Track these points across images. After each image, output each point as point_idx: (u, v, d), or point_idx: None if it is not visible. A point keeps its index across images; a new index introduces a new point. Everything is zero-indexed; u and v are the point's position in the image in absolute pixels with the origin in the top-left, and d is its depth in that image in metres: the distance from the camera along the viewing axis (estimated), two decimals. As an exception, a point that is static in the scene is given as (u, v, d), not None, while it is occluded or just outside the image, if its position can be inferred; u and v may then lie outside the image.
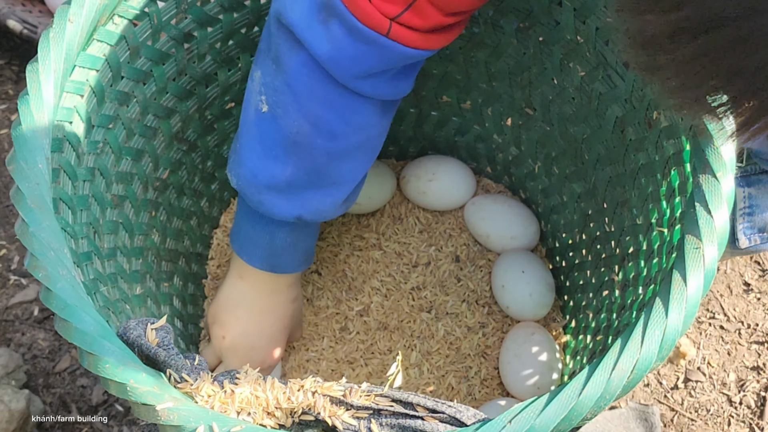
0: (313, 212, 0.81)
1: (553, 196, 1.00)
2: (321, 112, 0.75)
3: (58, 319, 0.57)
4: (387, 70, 0.74)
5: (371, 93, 0.75)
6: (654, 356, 0.56)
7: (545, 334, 0.95)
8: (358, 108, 0.76)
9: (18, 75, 1.31)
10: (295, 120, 0.76)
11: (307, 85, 0.74)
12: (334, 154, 0.78)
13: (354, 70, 0.72)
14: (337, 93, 0.74)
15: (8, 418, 0.95)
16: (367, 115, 0.77)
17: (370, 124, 0.78)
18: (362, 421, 0.57)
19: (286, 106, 0.76)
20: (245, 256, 0.87)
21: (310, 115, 0.75)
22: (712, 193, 0.60)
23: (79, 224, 0.72)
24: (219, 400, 0.57)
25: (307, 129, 0.76)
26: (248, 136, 0.79)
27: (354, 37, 0.69)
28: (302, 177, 0.79)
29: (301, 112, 0.75)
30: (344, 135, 0.77)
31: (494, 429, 0.54)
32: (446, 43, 0.73)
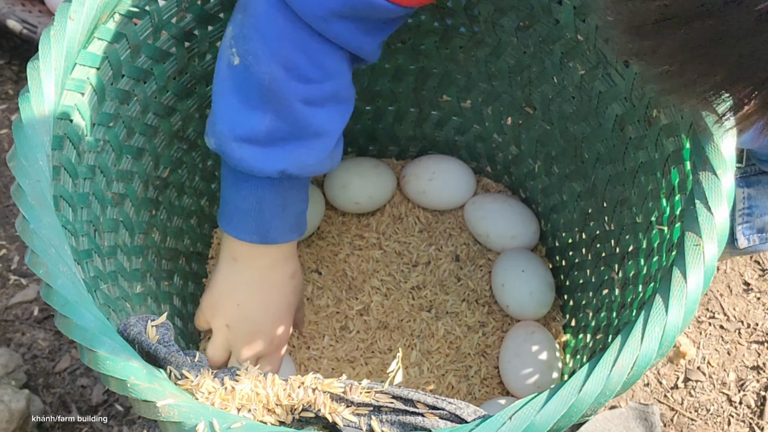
0: (297, 165, 0.79)
1: (553, 195, 1.00)
2: (292, 54, 0.74)
3: (59, 315, 0.57)
4: (353, 19, 0.73)
5: (336, 38, 0.74)
6: (654, 353, 0.56)
7: (545, 333, 0.95)
8: (327, 51, 0.75)
9: (18, 75, 1.31)
10: (268, 65, 0.75)
11: (276, 26, 0.74)
12: (310, 100, 0.77)
13: (318, 10, 0.72)
14: (306, 34, 0.74)
15: (8, 418, 0.95)
16: (336, 61, 0.76)
17: (340, 72, 0.77)
18: (362, 418, 0.57)
19: (257, 52, 0.75)
20: (234, 231, 0.84)
21: (281, 58, 0.74)
22: (712, 190, 0.60)
23: (79, 222, 0.72)
24: (219, 397, 0.57)
25: (281, 73, 0.75)
26: (223, 91, 0.78)
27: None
28: (281, 126, 0.77)
29: (272, 55, 0.74)
30: (317, 80, 0.76)
31: (494, 425, 0.54)
32: (414, 4, 0.73)
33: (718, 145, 0.62)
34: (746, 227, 0.96)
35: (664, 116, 0.74)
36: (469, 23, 0.91)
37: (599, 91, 0.83)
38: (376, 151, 1.09)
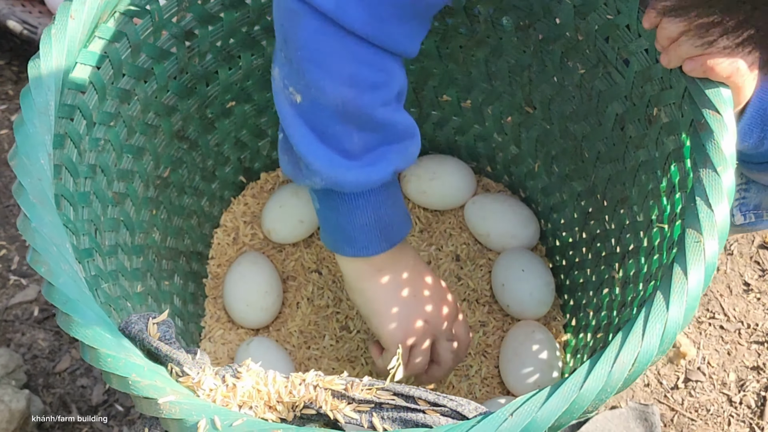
0: (404, 159, 0.80)
1: (553, 195, 1.00)
2: (353, 70, 0.73)
3: (60, 313, 0.57)
4: (400, 17, 0.72)
5: (385, 42, 0.73)
6: (655, 350, 0.56)
7: (545, 332, 0.95)
8: (382, 54, 0.74)
9: (18, 75, 1.31)
10: (334, 90, 0.73)
11: (326, 48, 0.72)
12: (385, 103, 0.76)
13: (365, 16, 0.70)
14: (357, 45, 0.72)
15: (8, 418, 0.95)
16: (392, 62, 0.75)
17: (398, 70, 0.77)
18: (364, 415, 0.57)
19: (318, 82, 0.73)
20: (366, 250, 0.83)
21: (344, 77, 0.73)
22: (713, 187, 0.60)
23: (80, 221, 0.72)
24: (221, 394, 0.57)
25: (350, 93, 0.73)
26: (299, 135, 0.76)
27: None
28: (371, 136, 0.76)
29: (334, 79, 0.73)
30: (385, 83, 0.75)
31: (496, 422, 0.54)
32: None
33: (719, 142, 0.62)
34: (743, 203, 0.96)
35: (665, 115, 0.74)
36: (469, 23, 0.91)
37: (599, 90, 0.83)
38: (376, 151, 1.09)
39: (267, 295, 0.97)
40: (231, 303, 0.98)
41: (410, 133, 0.80)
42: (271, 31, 0.92)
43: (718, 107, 0.63)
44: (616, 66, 0.80)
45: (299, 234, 1.02)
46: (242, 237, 1.04)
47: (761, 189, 0.93)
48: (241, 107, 0.97)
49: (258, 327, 0.99)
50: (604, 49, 0.80)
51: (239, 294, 0.97)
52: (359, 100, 0.74)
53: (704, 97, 0.64)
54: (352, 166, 0.77)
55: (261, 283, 0.97)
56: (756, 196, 0.94)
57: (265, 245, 1.04)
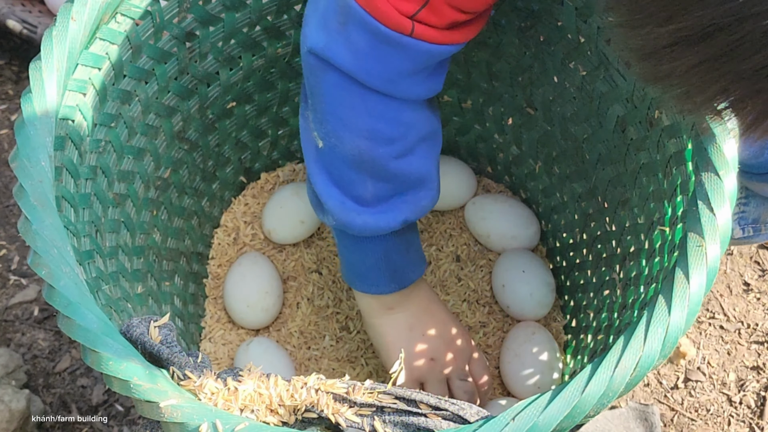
0: (415, 210, 0.82)
1: (553, 196, 1.00)
2: (370, 125, 0.76)
3: (61, 316, 0.57)
4: (417, 71, 0.74)
5: (405, 94, 0.75)
6: (657, 354, 0.56)
7: (546, 333, 0.95)
8: (401, 108, 0.76)
9: (18, 75, 1.31)
10: (351, 141, 0.77)
11: (345, 102, 0.75)
12: (401, 154, 0.79)
13: (384, 75, 0.73)
14: (376, 100, 0.75)
15: (8, 418, 0.95)
16: (413, 112, 0.78)
17: (421, 119, 0.79)
18: (365, 419, 0.57)
19: (337, 132, 0.77)
20: (374, 288, 0.87)
21: (361, 131, 0.76)
22: (715, 191, 0.60)
23: (81, 222, 0.72)
24: (222, 398, 0.57)
25: (366, 144, 0.77)
26: (318, 175, 0.80)
27: (378, 40, 0.70)
28: (385, 186, 0.80)
29: (351, 132, 0.76)
30: (401, 136, 0.78)
31: (497, 426, 0.54)
32: (469, 38, 0.73)
33: (721, 146, 0.62)
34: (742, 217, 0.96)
35: (666, 117, 0.74)
36: (470, 24, 0.91)
37: (600, 92, 0.83)
38: (377, 152, 1.09)
39: (267, 296, 0.97)
40: (231, 303, 0.98)
41: (424, 183, 0.82)
42: (271, 32, 0.92)
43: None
44: (617, 68, 0.80)
45: (300, 234, 1.02)
46: (243, 237, 1.04)
47: (760, 203, 0.94)
48: (241, 108, 0.97)
49: (258, 327, 0.98)
50: (606, 51, 0.80)
51: (240, 294, 0.97)
52: (373, 152, 0.77)
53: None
54: (362, 212, 0.80)
55: (261, 284, 0.97)
56: (755, 210, 0.94)
57: (265, 245, 1.04)
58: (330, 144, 0.78)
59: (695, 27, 0.43)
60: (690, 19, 0.43)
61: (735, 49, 0.43)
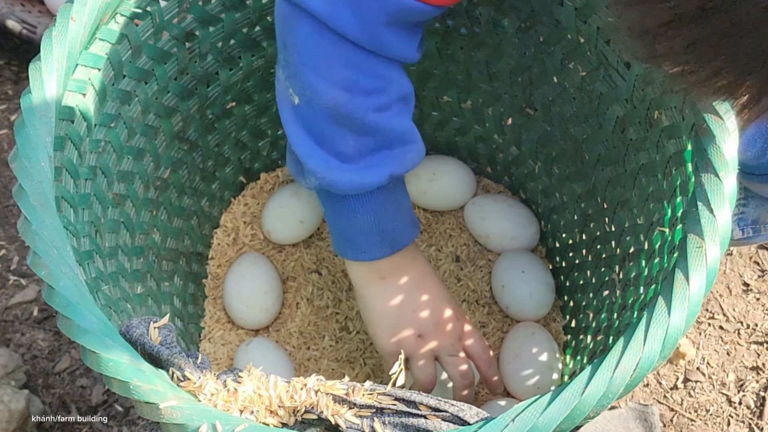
0: (401, 164, 0.80)
1: (553, 197, 1.00)
2: (345, 74, 0.74)
3: (61, 317, 0.57)
4: (393, 27, 0.73)
5: (380, 49, 0.74)
6: (656, 355, 0.56)
7: (545, 334, 0.95)
8: (377, 61, 0.75)
9: (17, 75, 1.31)
10: (327, 92, 0.74)
11: (321, 52, 0.73)
12: (380, 108, 0.77)
13: (357, 21, 0.71)
14: (352, 51, 0.73)
15: (8, 418, 0.95)
16: (388, 68, 0.76)
17: (396, 75, 0.77)
18: (365, 420, 0.57)
19: (312, 84, 0.74)
20: (366, 254, 0.84)
21: (337, 81, 0.74)
22: (715, 192, 0.60)
23: (80, 223, 0.72)
24: (222, 399, 0.57)
25: (342, 96, 0.75)
26: (297, 133, 0.78)
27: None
28: (368, 140, 0.77)
29: (328, 82, 0.74)
30: (380, 89, 0.76)
31: (497, 428, 0.54)
32: (445, 3, 0.73)
33: (720, 147, 0.62)
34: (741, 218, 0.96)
35: (666, 118, 0.74)
36: (470, 24, 0.91)
37: (600, 93, 0.83)
38: (377, 152, 1.09)
39: (267, 296, 0.97)
40: (231, 304, 0.98)
41: (409, 140, 0.80)
42: (271, 32, 0.92)
43: (720, 112, 0.63)
44: (617, 68, 0.80)
45: (299, 234, 1.02)
46: (242, 237, 1.04)
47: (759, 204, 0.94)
48: (241, 108, 0.97)
49: (258, 328, 0.98)
50: (605, 51, 0.80)
51: (239, 295, 0.97)
52: (351, 104, 0.75)
53: (706, 102, 0.64)
54: (346, 169, 0.78)
55: (261, 284, 0.97)
56: (754, 211, 0.94)
57: (265, 246, 1.04)
58: (306, 98, 0.75)
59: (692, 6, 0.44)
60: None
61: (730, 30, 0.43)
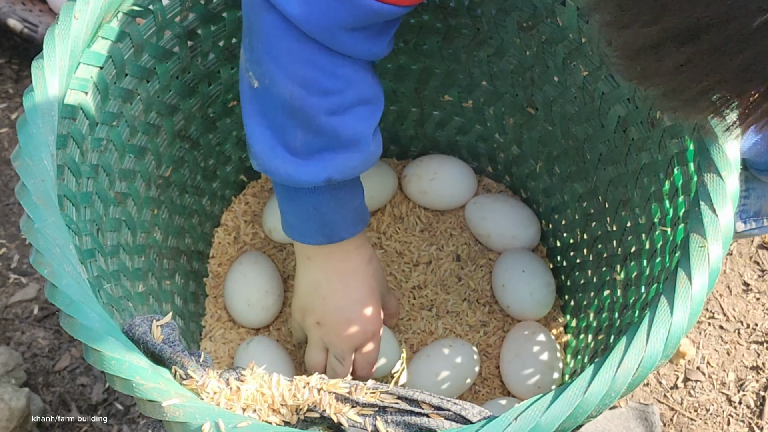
0: (341, 171, 0.81)
1: (554, 196, 1.00)
2: (305, 72, 0.75)
3: (64, 315, 0.57)
4: (360, 28, 0.74)
5: (345, 50, 0.75)
6: (659, 354, 0.56)
7: (546, 333, 0.95)
8: (340, 62, 0.76)
9: (18, 74, 1.31)
10: (285, 85, 0.76)
11: (284, 46, 0.74)
12: (335, 110, 0.78)
13: (323, 23, 0.72)
14: (315, 50, 0.74)
15: (8, 417, 0.95)
16: (352, 68, 0.77)
17: (359, 77, 0.78)
18: (368, 418, 0.57)
19: (272, 74, 0.76)
20: (300, 236, 0.86)
21: (296, 77, 0.75)
22: (717, 191, 0.60)
23: (82, 221, 0.72)
24: (225, 397, 0.58)
25: (299, 92, 0.76)
26: (251, 115, 0.79)
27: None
28: (314, 139, 0.78)
29: (287, 76, 0.75)
30: (337, 90, 0.77)
31: (500, 426, 0.54)
32: (412, 2, 0.73)
33: (723, 146, 0.62)
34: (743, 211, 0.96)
35: (668, 118, 0.74)
36: (472, 23, 0.91)
37: (602, 92, 0.83)
38: (378, 151, 1.09)
39: (268, 295, 0.97)
40: (232, 302, 0.98)
41: (356, 146, 0.80)
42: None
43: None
44: (619, 68, 0.80)
45: (300, 233, 1.02)
46: (243, 236, 1.04)
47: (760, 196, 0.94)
48: (242, 107, 0.97)
49: (259, 326, 0.98)
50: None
51: (240, 293, 0.97)
52: (305, 101, 0.76)
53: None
54: (289, 161, 0.79)
55: (262, 283, 0.97)
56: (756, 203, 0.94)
57: (265, 244, 1.04)
58: (264, 85, 0.77)
59: (681, 27, 0.44)
60: (676, 19, 0.44)
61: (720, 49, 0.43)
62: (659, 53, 0.46)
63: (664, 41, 0.45)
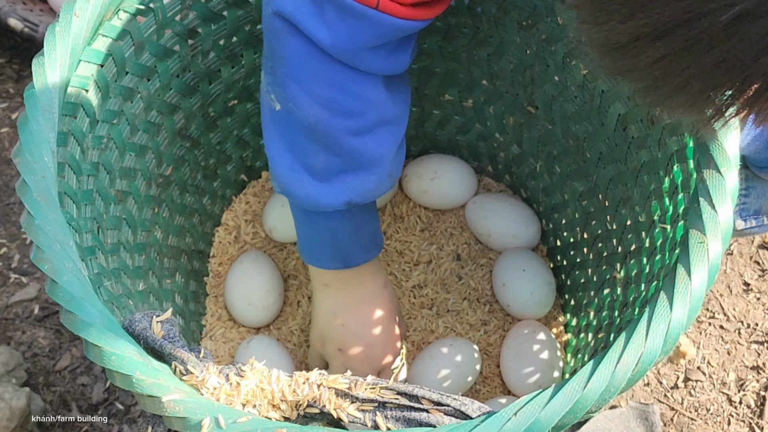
0: (361, 193, 0.81)
1: (554, 195, 1.00)
2: (329, 94, 0.76)
3: (64, 311, 0.57)
4: (382, 45, 0.74)
5: (369, 68, 0.76)
6: (658, 350, 0.56)
7: (546, 332, 0.95)
8: (363, 82, 0.76)
9: (18, 74, 1.31)
10: (309, 108, 0.76)
11: (308, 69, 0.75)
12: (357, 131, 0.78)
13: (349, 46, 0.73)
14: (339, 71, 0.75)
15: (9, 416, 0.95)
16: (374, 88, 0.78)
17: (380, 98, 0.79)
18: (367, 414, 0.57)
19: (296, 98, 0.76)
20: (317, 261, 0.87)
21: (320, 99, 0.76)
22: (716, 188, 0.60)
23: (83, 219, 0.72)
24: (224, 393, 0.58)
25: (323, 114, 0.76)
26: (272, 138, 0.80)
27: (345, 13, 0.71)
28: (335, 161, 0.79)
29: (311, 98, 0.76)
30: (360, 112, 0.78)
31: (499, 422, 0.54)
32: (434, 15, 0.74)
33: (722, 143, 0.62)
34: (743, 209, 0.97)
35: (667, 115, 0.74)
36: (472, 22, 0.91)
37: (602, 91, 0.84)
38: (378, 151, 1.09)
39: (268, 294, 0.97)
40: (232, 301, 0.98)
41: (375, 166, 0.81)
42: (273, 30, 0.92)
43: (722, 108, 0.63)
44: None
45: (300, 233, 1.02)
46: (243, 235, 1.04)
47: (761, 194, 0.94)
48: (243, 105, 0.97)
49: (259, 326, 0.99)
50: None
51: (241, 293, 0.97)
52: (330, 123, 0.77)
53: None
54: (308, 183, 0.80)
55: (262, 282, 0.97)
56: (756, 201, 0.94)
57: (266, 244, 1.04)
58: (287, 108, 0.77)
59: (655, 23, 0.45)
60: (650, 16, 0.45)
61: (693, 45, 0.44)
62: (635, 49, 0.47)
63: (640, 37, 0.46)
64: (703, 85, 0.46)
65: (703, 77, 0.46)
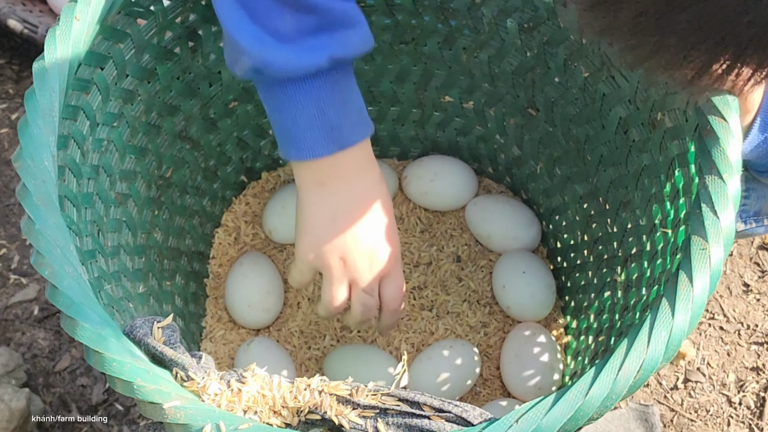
0: (343, 46, 0.74)
1: (554, 197, 1.00)
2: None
3: (65, 316, 0.57)
4: None
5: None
6: (660, 356, 0.56)
7: (546, 334, 0.95)
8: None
9: (18, 74, 1.31)
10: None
11: None
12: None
13: None
14: None
15: (8, 417, 0.95)
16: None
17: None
18: (369, 420, 0.57)
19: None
20: (309, 150, 0.76)
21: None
22: (719, 194, 0.60)
23: (83, 222, 0.72)
24: (226, 399, 0.57)
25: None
26: (228, 8, 0.72)
27: None
28: (306, 18, 0.72)
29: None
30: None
31: (501, 428, 0.54)
32: None
33: (724, 148, 0.62)
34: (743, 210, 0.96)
35: (669, 119, 0.74)
36: (473, 25, 0.91)
37: (603, 94, 0.83)
38: (378, 152, 1.09)
39: (268, 296, 0.97)
40: (232, 303, 0.98)
41: (352, 22, 0.74)
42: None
43: (724, 113, 0.63)
44: (620, 69, 0.80)
45: (300, 234, 1.02)
46: (243, 237, 1.04)
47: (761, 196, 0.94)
48: (243, 107, 0.97)
49: (259, 327, 0.98)
50: (608, 52, 0.80)
51: (241, 294, 0.97)
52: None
53: (709, 103, 0.64)
54: (282, 47, 0.72)
55: (262, 284, 0.97)
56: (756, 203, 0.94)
57: (266, 245, 1.04)
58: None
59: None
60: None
61: (667, 5, 0.46)
62: (615, 5, 0.48)
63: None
64: (679, 44, 0.47)
65: (679, 36, 0.47)
